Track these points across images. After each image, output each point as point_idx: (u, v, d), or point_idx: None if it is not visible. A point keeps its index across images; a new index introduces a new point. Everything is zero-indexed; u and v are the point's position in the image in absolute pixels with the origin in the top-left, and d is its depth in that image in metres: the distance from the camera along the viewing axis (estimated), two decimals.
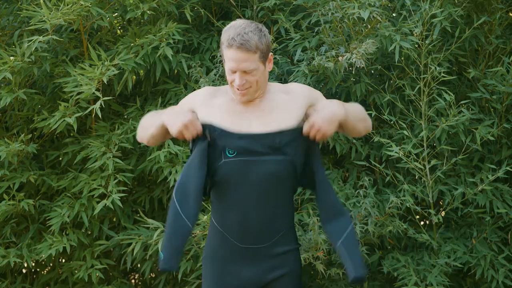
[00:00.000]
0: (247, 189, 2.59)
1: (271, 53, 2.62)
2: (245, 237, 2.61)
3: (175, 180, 4.05)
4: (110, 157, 4.12)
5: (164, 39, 4.18)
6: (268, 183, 2.59)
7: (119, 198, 4.09)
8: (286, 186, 2.64)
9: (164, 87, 4.41)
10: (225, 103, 2.67)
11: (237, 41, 2.51)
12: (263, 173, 2.57)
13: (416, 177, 4.12)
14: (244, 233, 2.60)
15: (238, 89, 2.59)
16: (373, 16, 3.89)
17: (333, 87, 4.08)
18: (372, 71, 4.30)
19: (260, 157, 2.56)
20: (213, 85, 4.12)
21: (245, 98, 2.61)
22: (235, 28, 2.55)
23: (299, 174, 2.64)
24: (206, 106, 2.66)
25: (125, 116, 4.50)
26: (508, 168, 3.99)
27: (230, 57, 2.54)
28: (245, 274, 2.62)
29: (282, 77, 4.25)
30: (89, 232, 4.43)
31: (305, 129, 2.56)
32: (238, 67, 2.54)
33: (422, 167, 4.04)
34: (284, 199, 2.65)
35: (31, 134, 4.41)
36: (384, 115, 4.12)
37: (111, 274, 4.62)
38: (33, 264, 4.62)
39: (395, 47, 3.93)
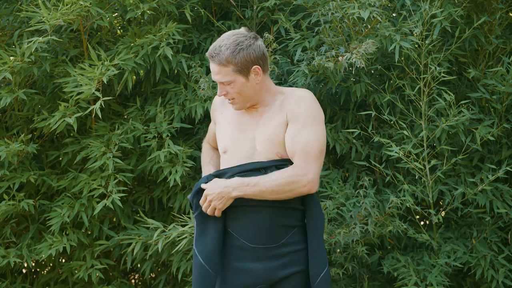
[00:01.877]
0: (252, 202, 2.63)
1: (256, 66, 2.65)
2: (254, 238, 2.63)
3: (175, 180, 4.05)
4: (110, 157, 4.12)
5: (164, 39, 4.18)
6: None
7: (119, 198, 4.09)
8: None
9: (164, 87, 4.41)
10: (233, 115, 2.78)
11: (210, 53, 2.66)
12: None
13: (416, 177, 4.12)
14: (253, 235, 2.63)
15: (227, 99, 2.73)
16: (373, 16, 3.89)
17: (333, 87, 4.08)
18: (372, 71, 4.30)
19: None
20: (212, 85, 4.12)
21: (235, 107, 2.73)
22: (217, 40, 2.69)
23: None
24: (218, 121, 2.85)
25: (125, 116, 4.50)
26: (508, 168, 3.99)
27: (210, 67, 2.71)
28: (257, 271, 2.63)
29: (282, 77, 4.25)
30: (89, 232, 4.43)
31: (201, 200, 2.68)
32: (213, 78, 2.69)
33: (422, 167, 4.04)
34: (291, 205, 2.66)
35: (31, 134, 4.41)
36: (384, 115, 4.12)
37: (111, 274, 4.62)
38: (33, 264, 4.62)
39: (395, 47, 3.93)
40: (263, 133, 2.68)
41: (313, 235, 2.67)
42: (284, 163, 2.65)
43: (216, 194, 2.62)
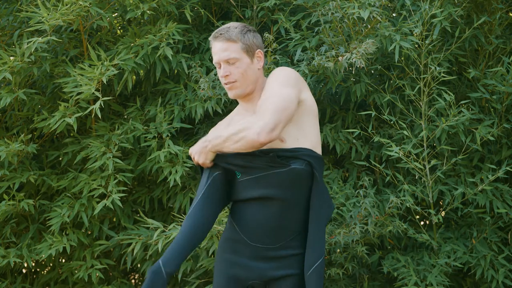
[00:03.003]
0: (261, 193, 2.62)
1: (259, 50, 2.67)
2: (255, 236, 2.64)
3: (175, 180, 4.05)
4: (110, 157, 4.12)
5: (164, 39, 4.18)
6: (280, 189, 2.61)
7: (119, 198, 4.09)
8: (300, 191, 2.65)
9: (164, 87, 4.41)
10: (236, 114, 2.77)
11: (218, 32, 2.65)
12: (274, 183, 2.61)
13: (416, 177, 4.12)
14: (254, 233, 2.64)
15: (226, 84, 2.67)
16: (373, 16, 3.89)
17: (333, 87, 4.08)
18: (372, 71, 4.30)
19: (267, 172, 2.60)
20: (212, 85, 4.13)
21: (233, 93, 2.69)
22: (222, 26, 2.72)
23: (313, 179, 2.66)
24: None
25: (125, 116, 4.51)
26: (508, 168, 3.99)
27: (213, 50, 2.67)
28: (252, 267, 2.64)
29: None
30: (89, 232, 4.44)
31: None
32: (219, 57, 2.64)
33: (422, 167, 4.04)
34: (298, 204, 2.65)
35: (31, 134, 4.41)
36: (384, 115, 4.12)
37: (111, 274, 4.62)
38: (33, 264, 4.63)
39: (395, 47, 3.93)
40: None
41: (313, 223, 2.65)
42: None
43: (196, 150, 2.67)
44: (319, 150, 2.68)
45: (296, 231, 2.66)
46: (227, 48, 2.63)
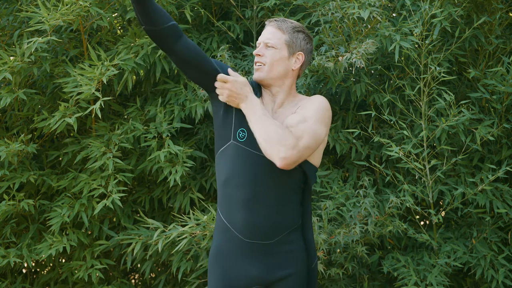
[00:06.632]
0: (254, 184, 2.60)
1: (301, 53, 2.70)
2: (251, 232, 2.61)
3: (175, 180, 4.06)
4: (110, 157, 4.12)
5: None
6: (276, 180, 2.60)
7: (119, 198, 4.09)
8: (295, 185, 2.65)
9: (164, 87, 4.41)
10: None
11: (273, 19, 2.72)
12: (271, 170, 2.59)
13: (416, 177, 4.12)
14: (250, 228, 2.61)
15: (256, 63, 2.71)
16: (373, 16, 3.89)
17: (333, 87, 4.08)
18: (372, 71, 4.30)
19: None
20: None
21: (257, 74, 2.71)
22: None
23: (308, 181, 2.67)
24: None
25: (125, 116, 4.51)
26: (508, 168, 3.99)
27: (263, 33, 2.73)
28: (252, 271, 2.62)
29: None
30: (89, 232, 4.44)
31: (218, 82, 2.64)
32: (262, 38, 2.71)
33: (422, 167, 4.04)
34: (292, 197, 2.65)
35: (31, 134, 4.41)
36: (384, 115, 4.12)
37: (111, 274, 4.62)
38: (33, 264, 4.63)
39: (395, 47, 3.93)
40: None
41: (308, 218, 2.72)
42: None
43: (234, 91, 2.60)
44: (317, 164, 2.72)
45: (293, 225, 2.66)
46: (272, 34, 2.69)
